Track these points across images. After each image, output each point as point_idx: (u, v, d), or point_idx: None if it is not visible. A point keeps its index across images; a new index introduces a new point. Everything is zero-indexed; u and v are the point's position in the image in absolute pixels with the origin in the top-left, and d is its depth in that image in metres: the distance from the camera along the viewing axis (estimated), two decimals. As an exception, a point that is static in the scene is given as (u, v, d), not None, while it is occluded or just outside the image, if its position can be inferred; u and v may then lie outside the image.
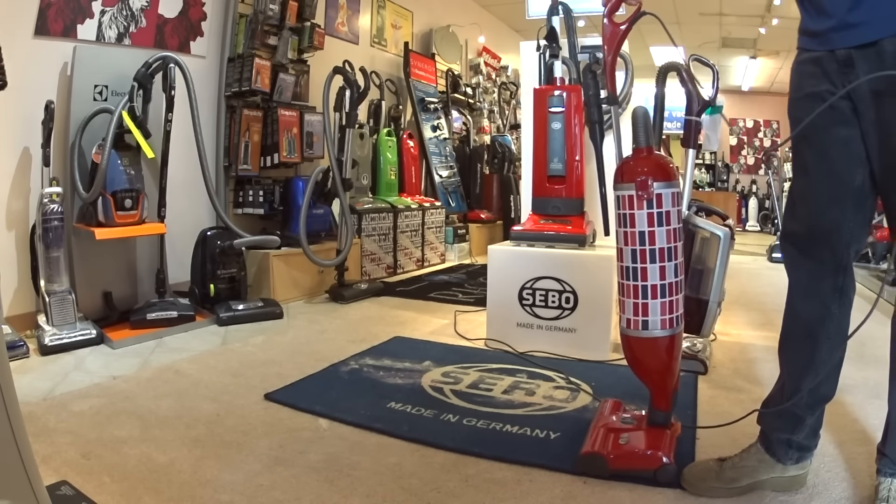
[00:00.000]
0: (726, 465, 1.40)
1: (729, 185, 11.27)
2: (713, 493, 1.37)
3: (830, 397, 1.36)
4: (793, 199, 1.38)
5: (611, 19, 2.12)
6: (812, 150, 1.29)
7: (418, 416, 1.82)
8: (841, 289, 1.30)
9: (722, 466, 1.40)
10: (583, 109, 2.68)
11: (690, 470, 1.42)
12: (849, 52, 1.19)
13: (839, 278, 1.29)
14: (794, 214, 1.36)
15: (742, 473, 1.38)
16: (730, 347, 2.63)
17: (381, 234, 4.38)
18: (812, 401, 1.34)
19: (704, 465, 1.43)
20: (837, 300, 1.30)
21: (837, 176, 1.26)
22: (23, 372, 2.17)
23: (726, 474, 1.38)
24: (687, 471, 1.42)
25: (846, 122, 1.23)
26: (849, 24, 1.18)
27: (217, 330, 2.86)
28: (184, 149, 3.06)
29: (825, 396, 1.35)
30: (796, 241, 1.35)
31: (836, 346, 1.31)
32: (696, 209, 2.35)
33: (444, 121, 5.65)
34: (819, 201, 1.29)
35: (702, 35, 7.51)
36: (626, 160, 1.44)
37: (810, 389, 1.32)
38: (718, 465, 1.41)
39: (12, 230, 2.67)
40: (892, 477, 1.28)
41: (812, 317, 1.31)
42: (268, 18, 3.58)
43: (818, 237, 1.30)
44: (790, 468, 1.38)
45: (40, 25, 2.66)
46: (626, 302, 1.44)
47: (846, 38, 1.19)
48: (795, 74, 1.34)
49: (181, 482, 1.42)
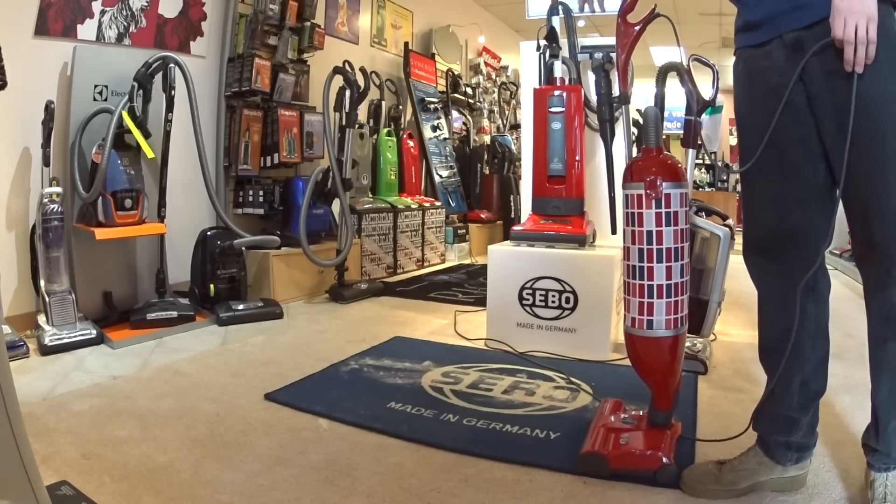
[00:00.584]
0: (725, 469, 1.39)
1: (729, 185, 11.26)
2: (712, 496, 1.36)
3: (822, 393, 1.36)
4: (751, 206, 1.36)
5: (625, 20, 2.13)
6: (771, 153, 1.26)
7: (418, 416, 1.82)
8: (814, 287, 1.30)
9: (721, 469, 1.39)
10: (583, 109, 2.68)
11: (689, 473, 1.41)
12: (797, 35, 1.18)
13: (811, 278, 1.27)
14: (754, 222, 1.36)
15: (741, 476, 1.37)
16: (730, 347, 2.63)
17: (381, 234, 4.38)
18: (804, 400, 1.34)
19: (703, 468, 1.42)
20: (811, 298, 1.30)
21: (798, 175, 1.26)
22: (23, 372, 2.17)
23: (726, 477, 1.37)
24: (686, 473, 1.41)
25: (802, 122, 1.22)
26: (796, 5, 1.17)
27: (217, 330, 2.86)
28: (184, 149, 3.06)
29: (816, 393, 1.35)
30: (762, 249, 1.35)
31: (817, 342, 1.32)
32: (696, 209, 2.35)
33: (444, 121, 5.65)
34: (782, 203, 1.28)
35: (702, 35, 7.51)
36: (636, 159, 1.44)
37: (800, 389, 1.32)
38: (717, 468, 1.40)
39: (12, 230, 2.67)
40: (887, 471, 1.26)
41: (790, 322, 1.29)
42: (268, 18, 3.58)
43: (785, 239, 1.30)
44: (790, 469, 1.37)
45: (40, 25, 2.66)
46: (632, 301, 1.44)
47: (794, 20, 1.18)
48: (743, 73, 1.33)
49: (181, 482, 1.42)
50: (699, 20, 6.97)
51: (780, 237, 1.30)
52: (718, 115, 2.68)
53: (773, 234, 1.31)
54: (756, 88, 1.29)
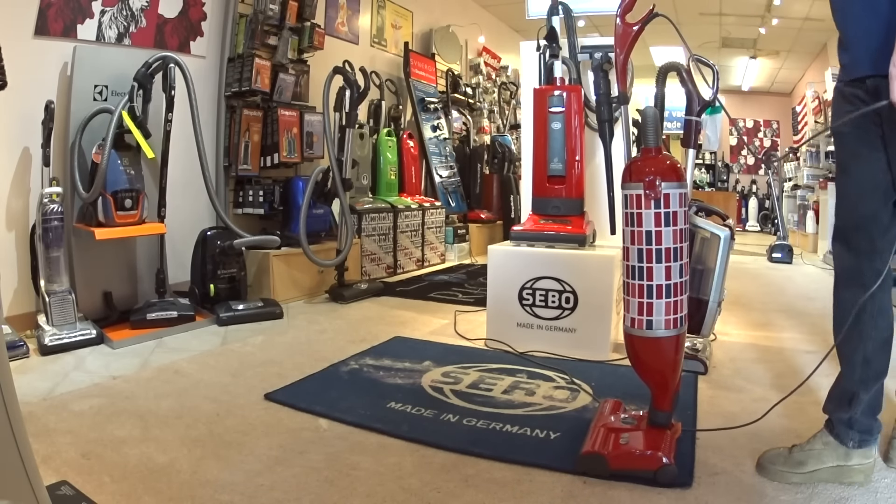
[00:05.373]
0: (795, 451, 1.48)
1: (729, 185, 11.27)
2: (782, 478, 1.44)
3: (884, 373, 1.43)
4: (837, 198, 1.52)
5: (624, 20, 2.13)
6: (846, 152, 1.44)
7: (418, 416, 1.82)
8: (878, 272, 1.39)
9: (791, 451, 1.48)
10: (583, 109, 2.68)
11: (764, 455, 1.51)
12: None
13: (877, 262, 1.39)
14: (837, 212, 1.51)
15: (808, 457, 1.45)
16: (730, 347, 2.63)
17: (381, 234, 4.38)
18: (864, 376, 1.42)
19: (775, 451, 1.51)
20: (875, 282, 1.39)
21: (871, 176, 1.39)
22: (23, 372, 2.17)
23: (794, 458, 1.46)
24: (761, 456, 1.51)
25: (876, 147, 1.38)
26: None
27: (217, 330, 2.86)
28: (184, 149, 3.06)
29: (878, 372, 1.43)
30: (839, 235, 1.48)
31: (879, 323, 1.42)
32: (696, 209, 2.36)
33: (444, 121, 5.65)
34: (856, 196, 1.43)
35: (702, 35, 7.52)
36: (635, 160, 1.44)
37: (861, 365, 1.42)
38: (788, 451, 1.49)
39: (12, 230, 2.67)
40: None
41: (854, 300, 1.40)
42: (268, 18, 3.58)
43: (857, 227, 1.43)
44: (853, 454, 1.42)
45: (40, 25, 2.66)
46: (631, 301, 1.44)
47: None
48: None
49: (181, 482, 1.42)
50: (699, 20, 6.98)
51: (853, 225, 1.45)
52: (718, 115, 2.68)
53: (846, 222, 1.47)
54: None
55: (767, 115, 11.02)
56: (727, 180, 11.26)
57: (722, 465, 1.52)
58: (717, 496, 1.37)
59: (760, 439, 1.64)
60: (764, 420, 1.63)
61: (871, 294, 1.39)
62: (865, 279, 1.40)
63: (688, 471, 1.47)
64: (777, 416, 1.74)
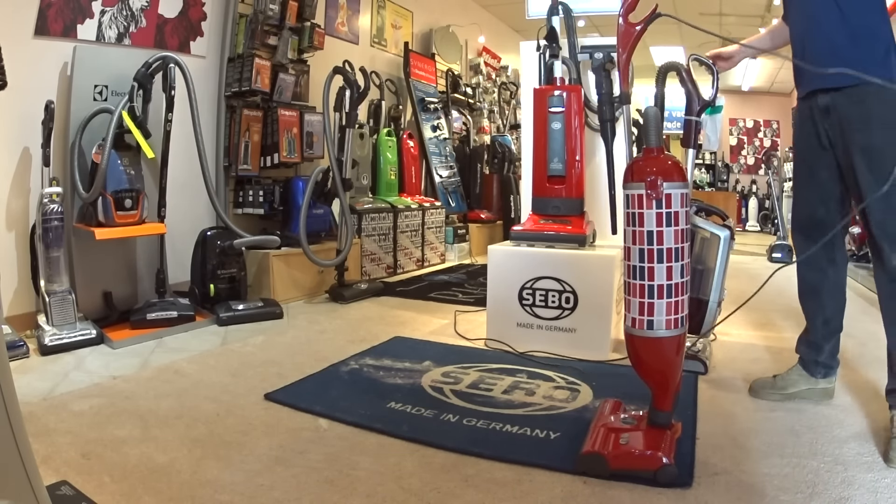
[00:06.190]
0: (777, 379, 1.97)
1: (729, 185, 11.26)
2: (771, 398, 1.93)
3: (839, 330, 1.90)
4: (794, 199, 1.97)
5: (626, 19, 2.13)
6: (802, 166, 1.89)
7: (418, 416, 1.82)
8: (832, 259, 1.85)
9: (774, 379, 1.98)
10: (583, 109, 2.68)
11: (755, 382, 2.01)
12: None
13: (829, 252, 1.84)
14: (795, 210, 1.96)
15: (787, 383, 1.94)
16: (730, 347, 2.63)
17: (381, 234, 4.38)
18: (826, 332, 1.89)
19: (763, 380, 2.01)
20: (831, 266, 1.86)
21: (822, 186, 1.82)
22: (23, 372, 2.17)
23: (777, 384, 1.95)
24: (752, 382, 2.01)
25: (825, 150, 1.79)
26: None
27: (217, 330, 2.86)
28: (184, 149, 3.06)
29: (835, 329, 1.90)
30: (799, 228, 1.94)
31: (833, 295, 1.88)
32: (696, 209, 2.36)
33: (444, 121, 5.65)
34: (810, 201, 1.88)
35: (702, 35, 7.50)
36: (637, 159, 1.44)
37: (822, 325, 1.89)
38: (772, 379, 1.98)
39: (12, 230, 2.67)
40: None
41: (814, 279, 1.90)
42: (268, 18, 3.58)
43: (812, 225, 1.86)
44: (820, 381, 1.92)
45: (40, 25, 2.66)
46: (632, 301, 1.44)
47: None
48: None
49: (181, 482, 1.42)
50: (699, 20, 6.97)
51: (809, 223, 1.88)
52: (718, 115, 2.68)
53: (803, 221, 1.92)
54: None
55: (767, 115, 11.02)
56: (727, 180, 11.26)
57: (722, 465, 1.51)
58: (717, 496, 1.37)
59: (760, 439, 1.64)
60: (764, 420, 1.64)
61: (825, 273, 1.85)
62: (821, 262, 1.85)
63: (688, 471, 1.47)
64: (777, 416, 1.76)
